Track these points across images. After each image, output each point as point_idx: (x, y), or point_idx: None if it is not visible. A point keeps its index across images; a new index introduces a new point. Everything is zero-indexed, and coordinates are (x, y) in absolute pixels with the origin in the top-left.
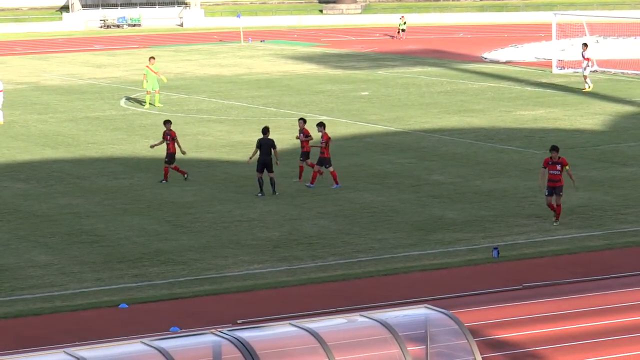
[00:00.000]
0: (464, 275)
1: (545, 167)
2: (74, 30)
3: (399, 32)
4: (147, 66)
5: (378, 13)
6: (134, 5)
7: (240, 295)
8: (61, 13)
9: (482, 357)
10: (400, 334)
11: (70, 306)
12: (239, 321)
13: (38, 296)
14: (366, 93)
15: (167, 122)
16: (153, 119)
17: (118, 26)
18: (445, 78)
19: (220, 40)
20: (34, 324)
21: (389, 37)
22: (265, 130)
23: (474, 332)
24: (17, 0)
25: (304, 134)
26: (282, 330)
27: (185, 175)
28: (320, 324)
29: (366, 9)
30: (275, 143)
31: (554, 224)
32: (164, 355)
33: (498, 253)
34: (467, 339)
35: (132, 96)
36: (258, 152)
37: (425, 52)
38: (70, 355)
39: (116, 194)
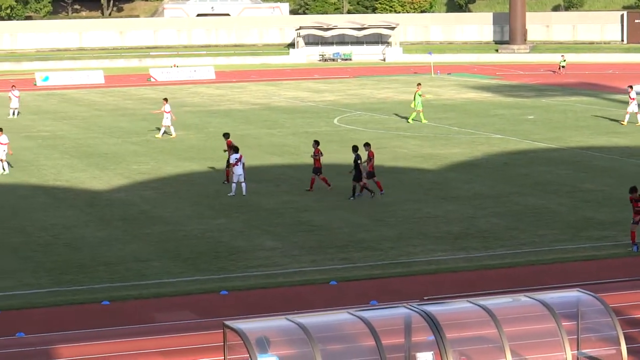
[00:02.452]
0: (609, 265)
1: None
2: (298, 62)
3: (559, 68)
4: (417, 90)
5: (543, 52)
6: (346, 43)
7: (427, 277)
8: (288, 49)
9: (623, 333)
10: (556, 311)
11: (291, 282)
12: (425, 298)
13: (265, 273)
14: (532, 117)
15: (315, 143)
16: (360, 135)
17: (333, 60)
18: (597, 106)
19: (415, 72)
20: (262, 295)
21: (551, 72)
22: (356, 148)
23: (617, 312)
24: (254, 38)
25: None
26: (460, 305)
27: (329, 187)
28: (491, 301)
29: (534, 49)
30: (359, 159)
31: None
32: (365, 323)
33: (638, 248)
34: (611, 317)
35: (345, 116)
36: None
37: (581, 85)
38: (291, 321)
39: (329, 193)
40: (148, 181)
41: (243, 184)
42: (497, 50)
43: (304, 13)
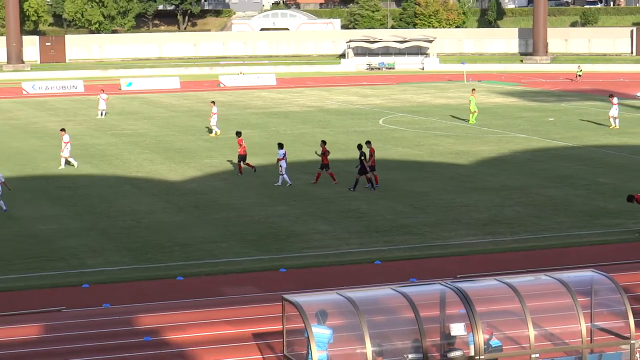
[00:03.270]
0: (620, 249)
1: None
2: (348, 70)
3: (576, 76)
4: (472, 95)
5: (562, 63)
6: (390, 54)
7: (459, 258)
8: (339, 59)
9: (631, 308)
10: (572, 289)
11: (341, 261)
12: (458, 276)
13: (319, 253)
14: (552, 119)
15: (322, 142)
16: (402, 133)
17: (379, 69)
18: (609, 110)
19: (449, 80)
20: (316, 273)
21: (569, 80)
22: (360, 146)
23: (626, 290)
24: (310, 49)
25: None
26: (488, 283)
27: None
28: (515, 279)
29: (554, 60)
30: (363, 155)
31: None
32: (405, 297)
33: None
34: (621, 295)
35: (389, 117)
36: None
37: (595, 91)
38: (341, 295)
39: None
40: (217, 173)
41: (281, 176)
42: (521, 61)
43: (354, 28)
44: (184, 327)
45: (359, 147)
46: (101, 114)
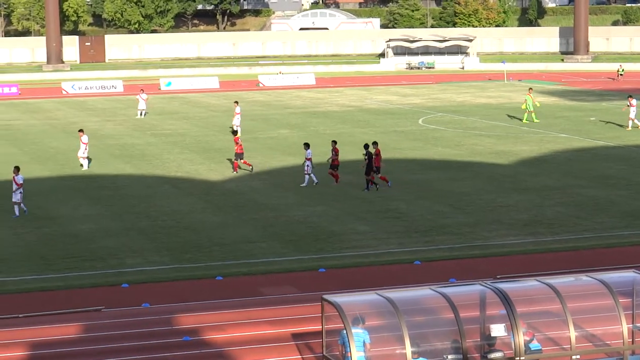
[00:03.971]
0: None
1: None
2: (388, 70)
3: (618, 75)
4: (528, 94)
5: (603, 62)
6: (430, 53)
7: (499, 258)
8: (379, 58)
9: None
10: (614, 289)
11: (380, 261)
12: (498, 276)
13: (358, 253)
14: (593, 118)
15: (333, 142)
16: (441, 133)
17: (418, 68)
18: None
19: (490, 79)
20: (355, 273)
21: (610, 79)
22: (367, 146)
23: None
24: (349, 49)
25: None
26: (529, 283)
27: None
28: (556, 280)
29: (595, 59)
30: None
31: None
32: (445, 298)
33: None
34: None
35: (428, 117)
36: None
37: (637, 91)
38: (380, 295)
39: (414, 185)
40: (256, 173)
41: (308, 176)
42: (562, 60)
43: (393, 27)
44: (223, 326)
45: (366, 147)
46: (141, 114)
